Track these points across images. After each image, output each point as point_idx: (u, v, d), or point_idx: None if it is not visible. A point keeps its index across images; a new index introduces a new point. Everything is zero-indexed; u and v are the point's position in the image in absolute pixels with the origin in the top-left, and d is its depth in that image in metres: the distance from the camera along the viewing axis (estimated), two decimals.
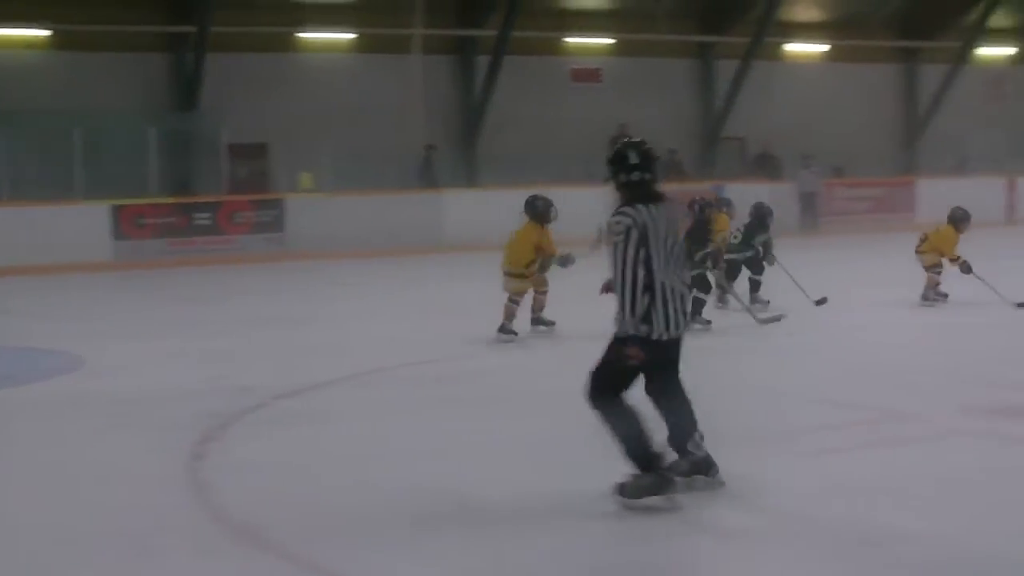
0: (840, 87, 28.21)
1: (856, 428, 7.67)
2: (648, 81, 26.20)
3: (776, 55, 27.71)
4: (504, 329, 11.35)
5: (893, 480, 6.43)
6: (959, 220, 13.31)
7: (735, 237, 13.31)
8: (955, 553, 5.30)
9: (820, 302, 12.64)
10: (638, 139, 6.00)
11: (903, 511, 5.88)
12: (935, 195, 25.12)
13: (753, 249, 13.29)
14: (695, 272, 11.19)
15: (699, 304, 11.68)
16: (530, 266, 11.53)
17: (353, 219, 20.78)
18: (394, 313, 13.85)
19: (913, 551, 5.32)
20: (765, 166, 26.15)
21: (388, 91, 23.48)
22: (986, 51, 29.94)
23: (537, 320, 11.77)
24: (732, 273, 12.97)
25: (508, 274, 11.63)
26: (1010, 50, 30.50)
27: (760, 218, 13.48)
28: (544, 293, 11.74)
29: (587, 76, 25.91)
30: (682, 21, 26.55)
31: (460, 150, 24.46)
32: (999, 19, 29.07)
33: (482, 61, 24.33)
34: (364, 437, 7.60)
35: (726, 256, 12.82)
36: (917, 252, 13.45)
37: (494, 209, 21.59)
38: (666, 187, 6.02)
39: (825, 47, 28.48)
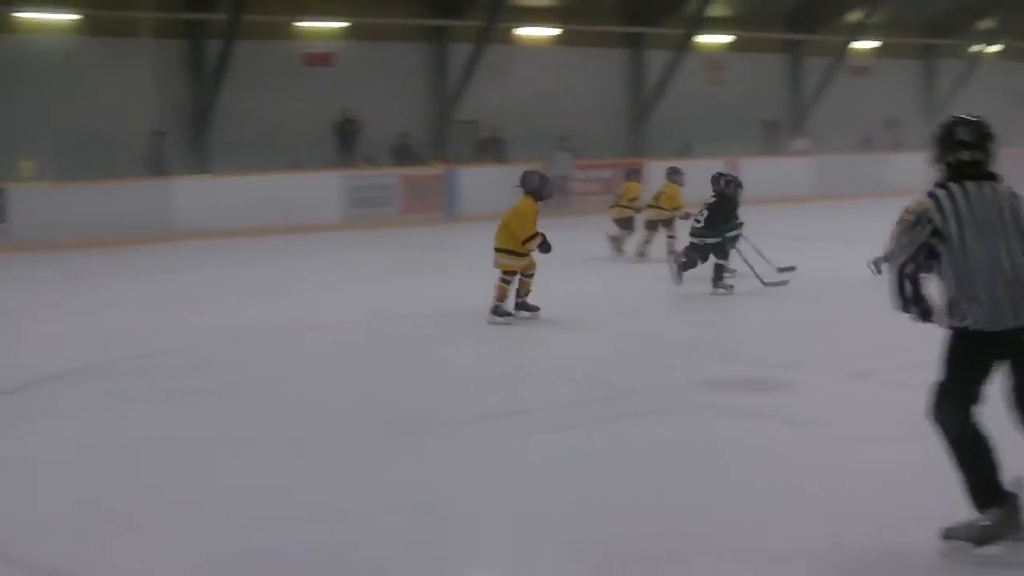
0: (570, 71, 28.83)
1: (592, 405, 7.91)
2: (382, 65, 26.15)
3: (508, 39, 28.10)
4: (498, 311, 11.09)
5: (620, 452, 6.67)
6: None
7: (697, 221, 13.23)
8: (664, 525, 5.52)
9: (785, 270, 13.44)
10: (973, 116, 5.27)
11: (626, 483, 6.11)
12: (661, 176, 26.04)
13: (720, 237, 13.05)
14: (714, 242, 12.67)
15: (720, 270, 12.69)
16: (527, 243, 11.16)
17: (80, 208, 19.97)
18: (123, 303, 13.43)
19: (639, 521, 5.53)
20: (492, 149, 26.51)
21: (115, 76, 22.69)
22: (706, 38, 31.17)
23: (522, 305, 11.34)
24: (703, 255, 13.05)
25: (501, 251, 11.24)
26: (728, 37, 31.86)
27: (728, 201, 13.26)
28: (531, 276, 11.35)
29: (320, 61, 25.66)
30: (415, 5, 26.61)
31: (191, 136, 23.86)
32: (718, 8, 30.28)
33: (213, 45, 23.77)
34: (85, 431, 7.40)
35: (691, 239, 13.16)
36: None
37: (227, 196, 21.26)
38: (400, 171, 6.05)
39: (556, 31, 29.04)
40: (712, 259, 13.06)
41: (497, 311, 11.13)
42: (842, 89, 33.15)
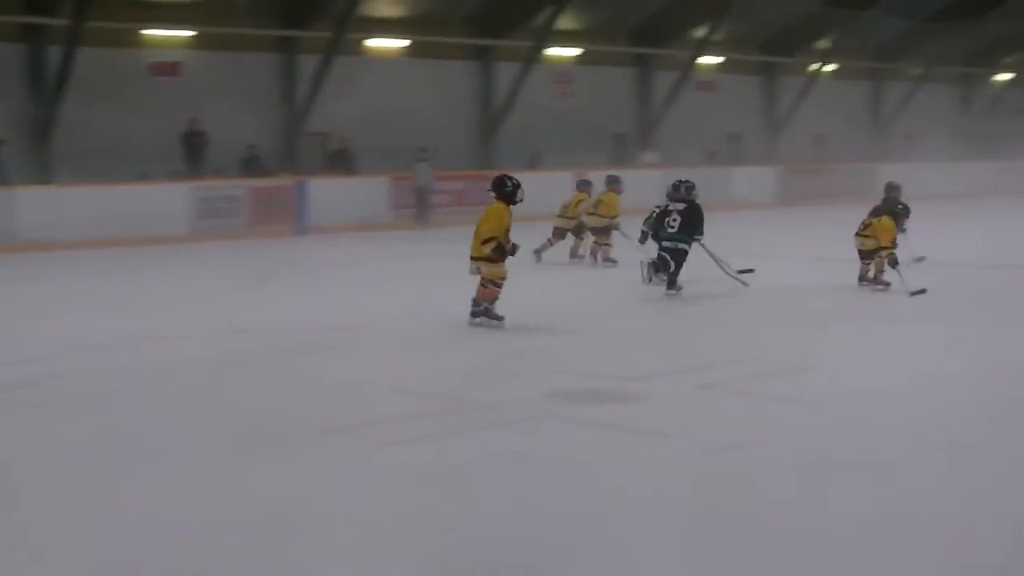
0: (420, 83, 28.88)
1: (442, 418, 7.95)
2: (230, 76, 25.84)
3: (357, 50, 28.03)
4: (492, 315, 11.25)
5: (469, 466, 6.73)
6: (900, 209, 14.16)
7: (671, 227, 13.79)
8: (511, 537, 5.57)
9: (745, 272, 14.18)
10: None
11: (474, 496, 6.17)
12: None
13: (689, 246, 13.77)
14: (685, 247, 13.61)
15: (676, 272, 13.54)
16: (484, 244, 11.19)
17: None
18: None
19: (485, 535, 5.60)
20: (342, 161, 26.42)
21: None
22: (555, 51, 31.53)
23: (485, 312, 11.35)
24: (678, 259, 13.64)
25: (477, 259, 11.31)
26: (577, 50, 32.28)
27: (698, 207, 13.98)
28: (500, 285, 11.33)
29: (167, 70, 25.24)
30: (264, 15, 26.39)
31: (32, 146, 23.23)
32: (566, 21, 30.66)
33: (54, 52, 23.19)
34: None
35: (665, 244, 13.75)
36: (857, 235, 14.19)
37: (71, 207, 20.76)
38: (249, 183, 6.02)
39: (405, 43, 29.06)
40: (647, 259, 14.07)
41: (490, 315, 11.30)
42: (689, 103, 33.85)
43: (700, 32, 33.57)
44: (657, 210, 14.27)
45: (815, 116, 37.45)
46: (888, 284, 13.83)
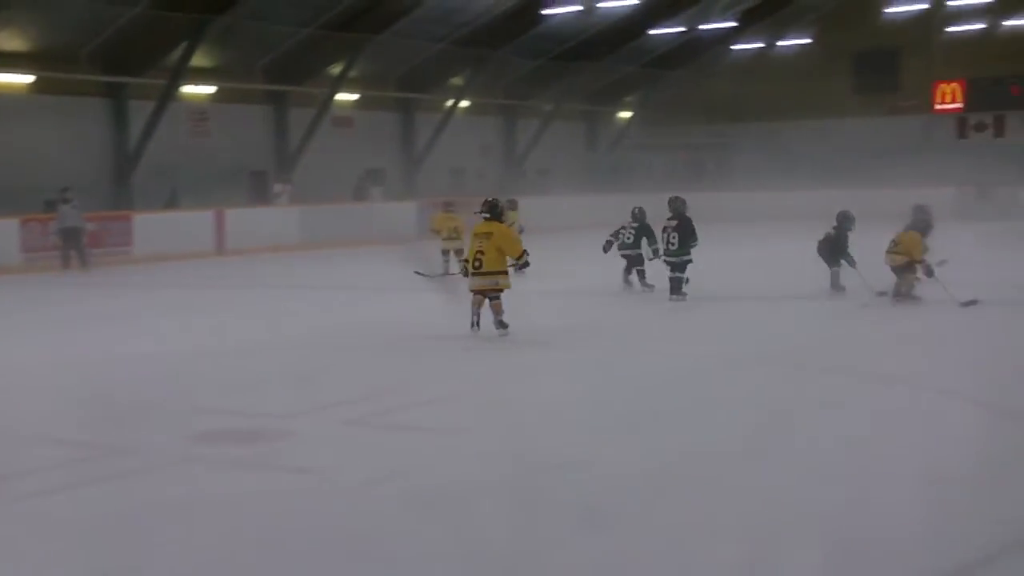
0: (49, 121, 27.70)
1: (77, 466, 7.70)
2: None
3: None
4: (503, 324, 12.70)
5: (111, 514, 6.58)
6: (925, 227, 14.86)
7: (672, 244, 15.89)
8: None
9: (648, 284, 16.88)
10: None
11: (122, 547, 6.06)
12: (151, 228, 25.65)
13: (689, 254, 15.89)
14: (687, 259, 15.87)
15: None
16: (518, 258, 12.84)
17: None
18: None
19: None
20: None
21: None
22: (190, 88, 31.04)
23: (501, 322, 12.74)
24: (679, 270, 15.90)
25: (493, 273, 12.67)
26: (211, 88, 31.88)
27: (689, 221, 15.98)
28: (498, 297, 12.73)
29: None
30: None
31: None
32: (200, 59, 30.24)
33: None
34: None
35: (666, 259, 16.02)
36: (888, 253, 14.91)
37: None
38: None
39: (30, 79, 27.85)
40: (636, 271, 17.10)
41: (502, 324, 12.73)
42: (327, 139, 34.05)
43: (336, 69, 33.85)
44: (623, 229, 17.31)
45: (453, 151, 38.48)
46: (919, 299, 14.75)
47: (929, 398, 9.58)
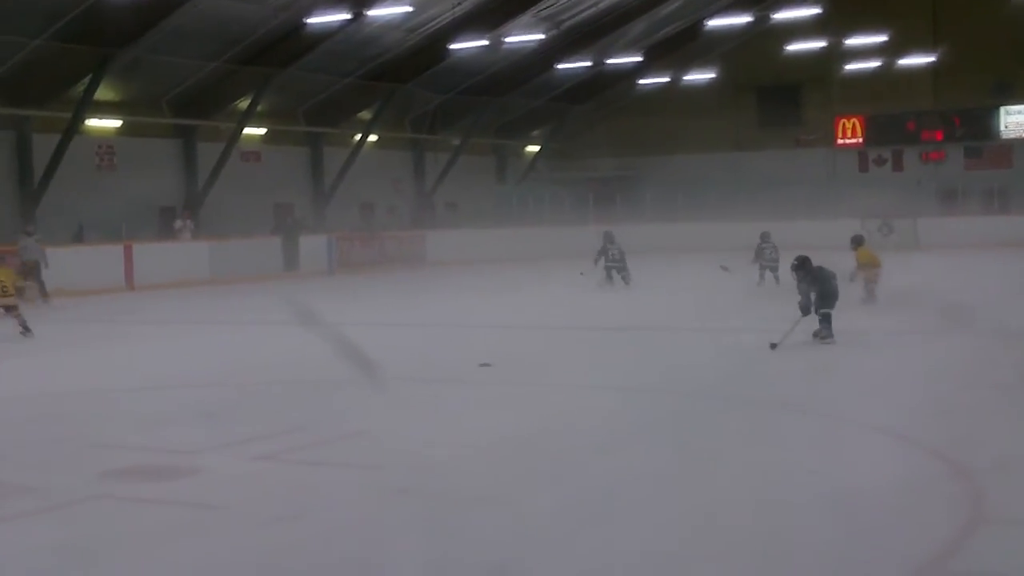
0: None
1: None
2: None
3: None
4: None
5: (17, 556, 6.47)
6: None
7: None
8: None
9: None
10: None
11: None
12: (57, 262, 25.17)
13: None
14: None
15: None
16: None
17: None
18: None
19: None
20: None
21: None
22: (96, 122, 30.67)
23: None
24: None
25: None
26: (117, 121, 31.52)
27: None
28: None
29: None
30: None
31: None
32: (105, 92, 29.91)
33: None
34: None
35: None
36: None
37: None
38: None
39: None
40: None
41: None
42: (235, 174, 33.79)
43: (243, 103, 33.67)
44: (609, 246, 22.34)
45: (362, 185, 38.41)
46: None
47: (838, 427, 9.75)
